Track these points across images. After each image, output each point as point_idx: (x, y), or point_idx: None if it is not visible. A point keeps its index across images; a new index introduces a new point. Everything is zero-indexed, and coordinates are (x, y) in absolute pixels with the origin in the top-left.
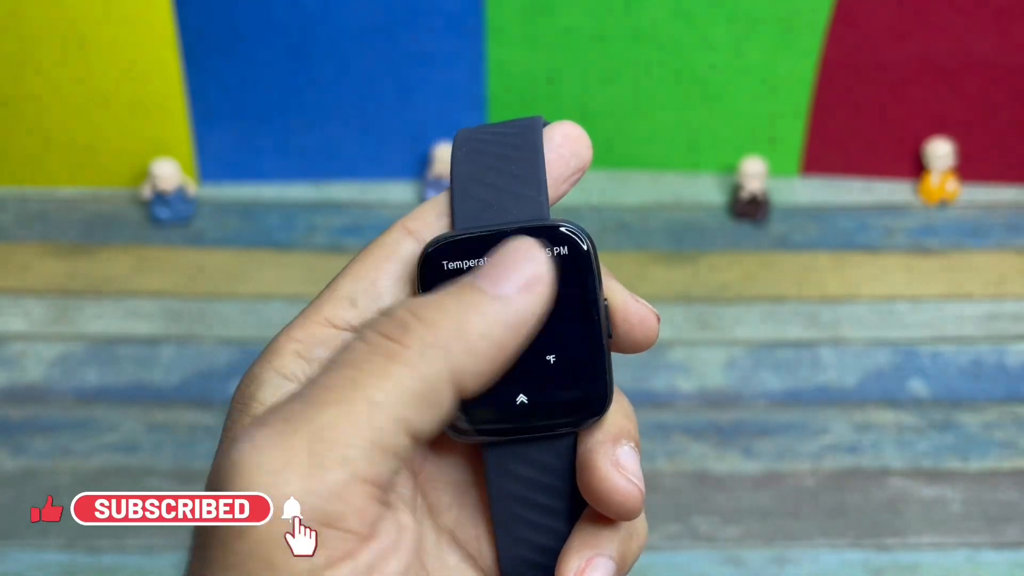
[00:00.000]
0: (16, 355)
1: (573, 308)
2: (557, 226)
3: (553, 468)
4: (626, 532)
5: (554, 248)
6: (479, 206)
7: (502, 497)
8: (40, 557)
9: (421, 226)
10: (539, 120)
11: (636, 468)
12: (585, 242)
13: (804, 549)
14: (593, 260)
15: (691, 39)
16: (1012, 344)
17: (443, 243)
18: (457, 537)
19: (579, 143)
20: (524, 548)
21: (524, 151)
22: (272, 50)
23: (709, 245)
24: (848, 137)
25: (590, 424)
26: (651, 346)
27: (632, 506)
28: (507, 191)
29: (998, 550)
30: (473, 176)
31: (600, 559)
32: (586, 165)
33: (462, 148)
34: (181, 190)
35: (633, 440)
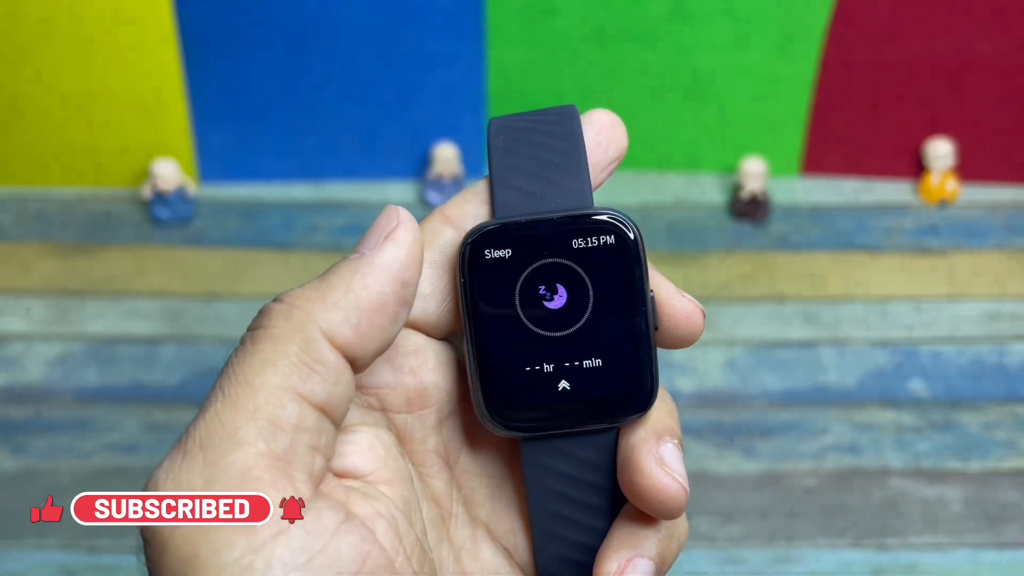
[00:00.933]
0: (16, 355)
1: (619, 299)
2: (603, 214)
3: (593, 464)
4: (666, 532)
5: (600, 237)
6: (520, 195)
7: (539, 493)
8: (40, 557)
9: (460, 214)
10: (575, 108)
11: (680, 466)
12: (632, 231)
13: (804, 549)
14: (640, 250)
15: (691, 39)
16: (1012, 344)
17: (485, 231)
18: (492, 530)
19: (616, 130)
20: (561, 545)
21: (564, 139)
22: (272, 50)
23: (709, 245)
24: (848, 137)
25: (633, 420)
26: (695, 342)
27: (676, 505)
28: (549, 180)
29: (998, 550)
30: (512, 165)
31: (639, 560)
32: (623, 153)
33: (499, 136)
34: (181, 190)
35: (676, 437)
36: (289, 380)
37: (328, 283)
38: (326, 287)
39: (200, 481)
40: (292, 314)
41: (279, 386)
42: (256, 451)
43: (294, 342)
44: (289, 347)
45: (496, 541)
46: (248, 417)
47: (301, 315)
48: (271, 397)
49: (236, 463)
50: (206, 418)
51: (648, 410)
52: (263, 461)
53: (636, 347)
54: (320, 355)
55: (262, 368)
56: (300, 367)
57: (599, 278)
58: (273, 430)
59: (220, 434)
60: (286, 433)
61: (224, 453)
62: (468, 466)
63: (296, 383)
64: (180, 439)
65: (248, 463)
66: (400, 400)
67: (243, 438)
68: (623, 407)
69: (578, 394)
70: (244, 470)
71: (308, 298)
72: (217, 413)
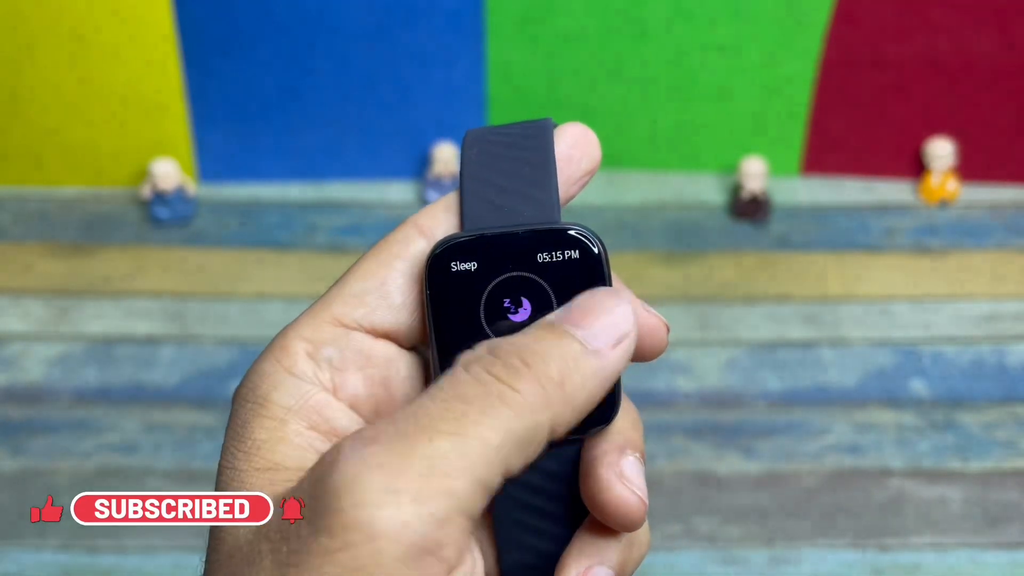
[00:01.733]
0: (16, 355)
1: None
2: (568, 229)
3: (557, 475)
4: (627, 541)
5: (565, 252)
6: (489, 207)
7: (504, 502)
8: (40, 557)
9: (432, 224)
10: (549, 122)
11: (640, 480)
12: (596, 246)
13: (804, 549)
14: (604, 264)
15: (691, 39)
16: (1012, 344)
17: (451, 244)
18: None
19: (589, 144)
20: (525, 553)
21: (535, 153)
22: (272, 50)
23: (709, 245)
24: (848, 137)
25: (596, 432)
26: (659, 356)
27: (634, 518)
28: (518, 193)
29: (998, 550)
30: (484, 177)
31: (599, 568)
32: (596, 167)
33: (473, 148)
34: (181, 190)
35: (639, 451)
36: (508, 454)
37: (570, 378)
38: (569, 383)
39: (410, 514)
40: (538, 394)
41: (502, 459)
42: (461, 510)
43: (529, 423)
44: (523, 425)
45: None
46: (470, 473)
47: (544, 402)
48: (493, 465)
49: (442, 511)
50: (432, 447)
51: (610, 423)
52: (461, 520)
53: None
54: (536, 445)
55: (497, 429)
56: (521, 447)
57: (563, 292)
58: (482, 494)
59: (439, 471)
60: (486, 500)
61: (436, 496)
62: None
63: (510, 459)
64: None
65: (450, 516)
66: (370, 411)
67: (457, 491)
68: (586, 420)
69: None
70: (444, 521)
71: (554, 383)
72: (444, 451)
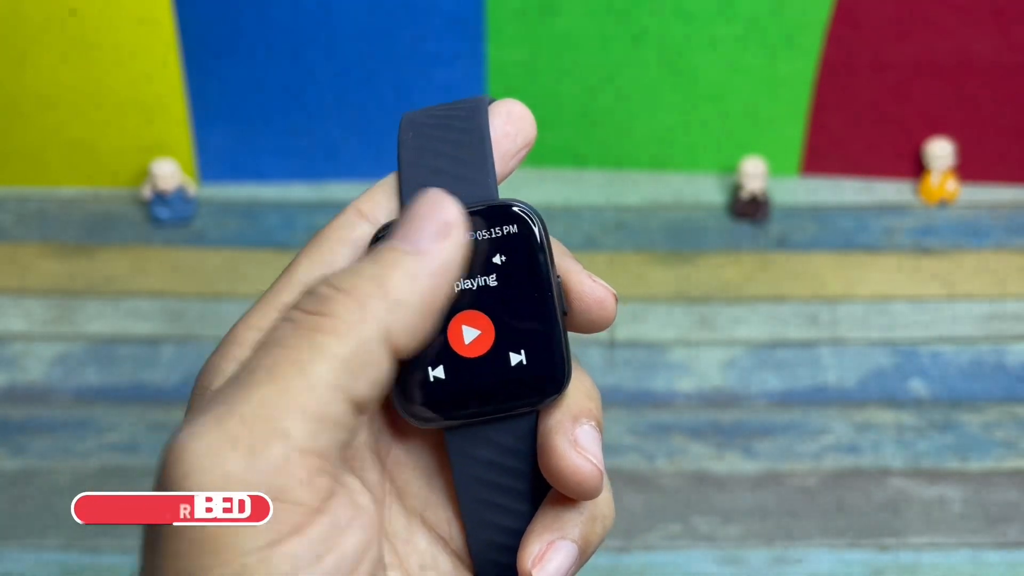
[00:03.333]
0: (16, 355)
1: (525, 286)
2: (508, 206)
3: (514, 450)
4: (589, 515)
5: (504, 227)
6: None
7: (466, 481)
8: (40, 557)
9: (373, 207)
10: (484, 100)
11: (595, 448)
12: (535, 219)
13: (804, 549)
14: (543, 237)
15: (691, 39)
16: (1012, 344)
17: (390, 227)
18: (427, 520)
19: (523, 120)
20: (491, 531)
21: (470, 134)
22: (272, 50)
23: (709, 245)
24: (848, 137)
25: (548, 403)
26: (608, 325)
27: (590, 486)
28: (454, 174)
29: (998, 550)
30: (420, 161)
31: (562, 542)
32: (531, 141)
33: (408, 132)
34: (181, 190)
35: (594, 419)
36: (341, 379)
37: (387, 277)
38: (386, 281)
39: (239, 468)
40: (353, 309)
41: (332, 384)
42: (298, 447)
43: (352, 340)
44: (347, 344)
45: (431, 530)
46: (298, 410)
47: (363, 313)
48: (324, 393)
49: (277, 455)
50: (253, 399)
51: (562, 392)
52: (301, 459)
53: (545, 332)
54: (374, 357)
55: (316, 359)
56: (354, 367)
57: (505, 267)
58: (319, 427)
59: (265, 419)
60: (329, 431)
61: (268, 443)
62: (400, 458)
63: (347, 382)
64: (215, 402)
65: (288, 458)
66: None
67: (289, 430)
68: (537, 391)
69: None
70: (282, 465)
71: (369, 293)
72: (265, 398)
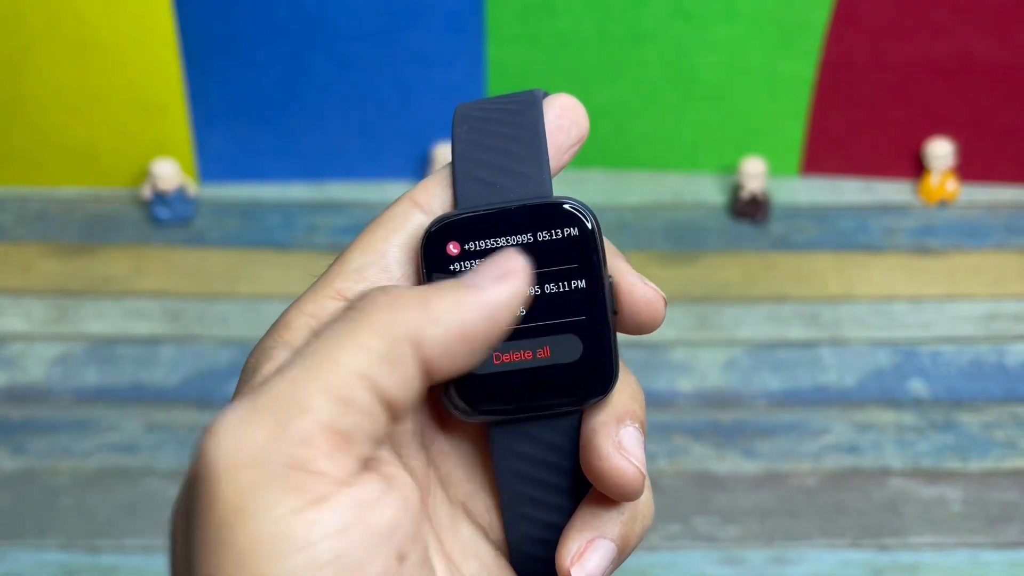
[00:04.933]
0: (16, 355)
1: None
2: (560, 203)
3: (558, 447)
4: (629, 515)
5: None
6: (481, 185)
7: (507, 475)
8: (40, 557)
9: (429, 199)
10: (539, 94)
11: (638, 450)
12: (589, 219)
13: (804, 549)
14: (597, 236)
15: (691, 39)
16: (1012, 344)
17: (444, 223)
18: (469, 509)
19: (577, 112)
20: (530, 525)
21: (525, 129)
22: (272, 50)
23: (709, 245)
24: (848, 137)
25: (594, 403)
26: (657, 328)
27: (632, 488)
28: (509, 170)
29: (998, 550)
30: (474, 155)
31: (601, 541)
32: (585, 134)
33: (462, 125)
34: (181, 190)
35: (638, 421)
36: (371, 370)
37: (433, 297)
38: (431, 300)
39: (263, 438)
40: (395, 312)
41: (360, 372)
42: (321, 422)
43: (386, 337)
44: (379, 340)
45: (473, 520)
46: (323, 390)
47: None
48: (350, 379)
49: (301, 429)
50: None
51: (608, 393)
52: (325, 432)
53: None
54: (405, 359)
55: (350, 349)
56: (384, 363)
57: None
58: (343, 409)
59: (293, 398)
60: (353, 415)
61: (292, 416)
62: (444, 448)
63: (376, 375)
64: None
65: (312, 431)
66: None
67: (313, 406)
68: (584, 391)
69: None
70: (306, 437)
71: (410, 302)
72: (295, 379)
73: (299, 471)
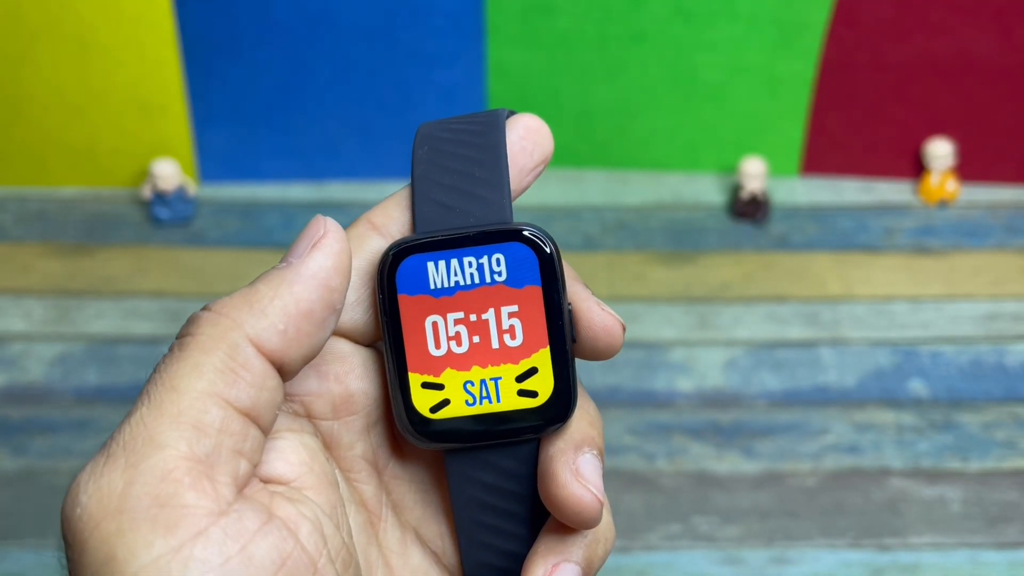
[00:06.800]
0: (16, 355)
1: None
2: (520, 230)
3: (515, 474)
4: (592, 537)
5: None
6: (440, 209)
7: (464, 502)
8: (40, 557)
9: (387, 221)
10: (502, 115)
11: (596, 478)
12: (548, 245)
13: (804, 549)
14: (556, 264)
15: (691, 39)
16: (1012, 344)
17: (402, 247)
18: (421, 535)
19: (540, 134)
20: (487, 553)
21: (486, 151)
22: (272, 50)
23: (709, 245)
24: (848, 137)
25: (552, 431)
26: (614, 354)
27: (589, 516)
28: (469, 193)
29: (998, 550)
30: (434, 177)
31: (566, 564)
32: (548, 156)
33: (423, 147)
34: (181, 190)
35: (596, 448)
36: (214, 385)
37: (255, 291)
38: (253, 294)
39: (120, 483)
40: (218, 321)
41: (204, 391)
42: (177, 453)
43: (220, 348)
44: (215, 353)
45: (425, 545)
46: (171, 421)
47: (227, 322)
48: (195, 402)
49: (157, 465)
50: (131, 423)
51: (567, 421)
52: (184, 463)
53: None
54: (246, 361)
55: (188, 373)
56: (225, 373)
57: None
58: (196, 434)
59: (143, 437)
60: (209, 437)
61: (145, 456)
62: (397, 472)
63: (221, 388)
64: (104, 444)
65: (169, 465)
66: (326, 407)
67: (165, 441)
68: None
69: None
70: (164, 472)
71: (235, 305)
72: (142, 417)
73: (166, 507)
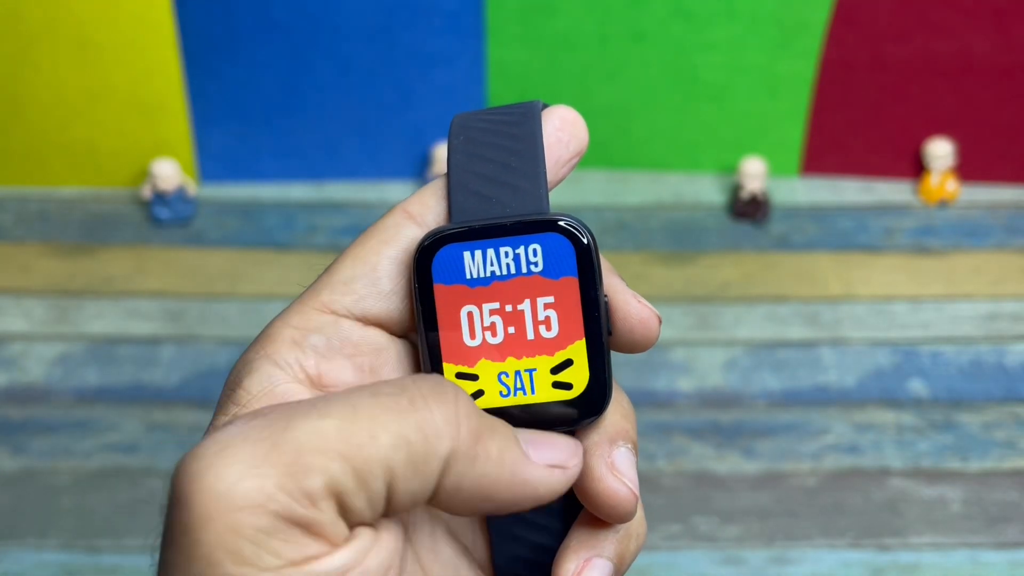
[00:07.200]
0: (16, 355)
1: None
2: (557, 220)
3: None
4: (624, 532)
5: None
6: (476, 199)
7: None
8: (40, 557)
9: (422, 210)
10: (538, 106)
11: (631, 471)
12: (586, 237)
13: (804, 549)
14: (594, 255)
15: (691, 39)
16: (1012, 344)
17: (439, 236)
18: (452, 528)
19: (576, 125)
20: (518, 546)
21: (523, 141)
22: (272, 50)
23: (709, 245)
24: (848, 137)
25: (587, 424)
26: (650, 347)
27: (624, 510)
28: (505, 183)
29: (998, 550)
30: (470, 167)
31: (598, 560)
32: (584, 148)
33: (459, 136)
34: (181, 190)
35: (630, 442)
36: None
37: (488, 433)
38: (485, 435)
39: (271, 486)
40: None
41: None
42: (334, 489)
43: (424, 441)
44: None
45: (456, 539)
46: (345, 458)
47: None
48: (375, 461)
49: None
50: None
51: (602, 414)
52: (333, 500)
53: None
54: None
55: (389, 426)
56: (410, 463)
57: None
58: (356, 486)
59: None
60: (362, 495)
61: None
62: None
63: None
64: (247, 420)
65: (321, 494)
66: None
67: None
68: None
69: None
70: (314, 497)
71: (468, 414)
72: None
73: (301, 528)
